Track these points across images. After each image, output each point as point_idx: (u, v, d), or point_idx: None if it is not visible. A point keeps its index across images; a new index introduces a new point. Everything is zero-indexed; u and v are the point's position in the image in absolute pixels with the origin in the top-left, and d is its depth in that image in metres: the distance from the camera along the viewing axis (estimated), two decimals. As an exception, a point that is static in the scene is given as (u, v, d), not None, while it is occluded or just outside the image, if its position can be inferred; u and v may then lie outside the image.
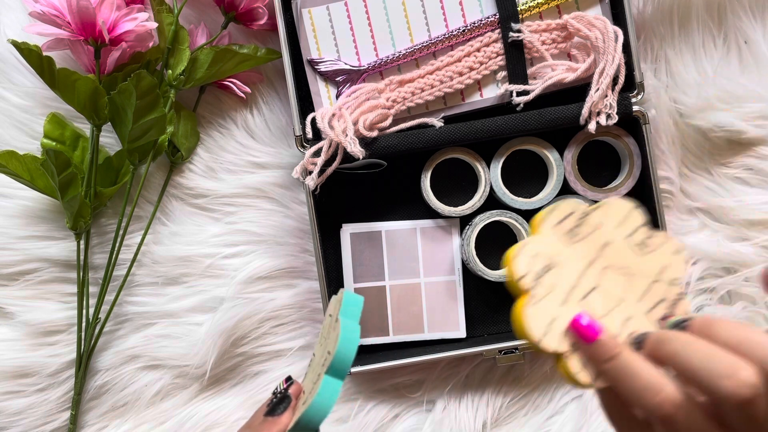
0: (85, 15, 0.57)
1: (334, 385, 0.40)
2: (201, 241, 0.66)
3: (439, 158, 0.62)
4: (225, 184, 0.66)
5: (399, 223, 0.64)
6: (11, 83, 0.65)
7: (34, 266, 0.65)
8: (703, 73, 0.65)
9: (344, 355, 0.40)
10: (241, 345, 0.66)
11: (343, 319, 0.42)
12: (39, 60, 0.58)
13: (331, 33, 0.60)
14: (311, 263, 0.66)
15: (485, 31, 0.60)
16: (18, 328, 0.65)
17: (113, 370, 0.66)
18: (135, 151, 0.61)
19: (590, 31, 0.58)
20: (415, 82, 0.60)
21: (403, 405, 0.67)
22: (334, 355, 0.40)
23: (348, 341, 0.41)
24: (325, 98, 0.61)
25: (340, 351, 0.40)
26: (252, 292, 0.65)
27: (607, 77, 0.58)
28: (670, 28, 0.65)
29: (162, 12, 0.61)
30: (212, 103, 0.66)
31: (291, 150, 0.66)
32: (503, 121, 0.61)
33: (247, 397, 0.66)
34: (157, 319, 0.66)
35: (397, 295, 0.64)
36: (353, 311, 0.43)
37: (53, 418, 0.65)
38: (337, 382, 0.40)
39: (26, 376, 0.65)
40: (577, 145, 0.63)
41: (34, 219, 0.65)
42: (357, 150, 0.58)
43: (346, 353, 0.40)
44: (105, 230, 0.66)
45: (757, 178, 0.66)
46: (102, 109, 0.60)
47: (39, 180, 0.61)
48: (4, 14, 0.65)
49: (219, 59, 0.62)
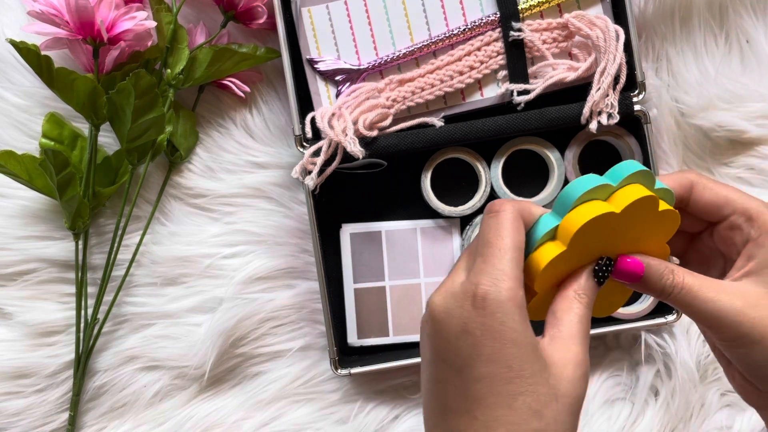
0: (83, 14, 0.56)
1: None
2: (200, 241, 0.66)
3: (439, 158, 0.62)
4: (224, 183, 0.66)
5: (399, 223, 0.64)
6: (10, 83, 0.65)
7: (32, 266, 0.65)
8: (704, 72, 0.65)
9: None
10: (240, 345, 0.66)
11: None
12: (37, 59, 0.57)
13: (331, 32, 0.60)
14: (311, 263, 0.66)
15: (486, 30, 0.60)
16: (16, 328, 0.65)
17: (112, 370, 0.65)
18: (134, 150, 0.61)
19: (591, 30, 0.58)
20: (415, 82, 0.60)
21: (404, 406, 0.66)
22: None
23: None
24: (324, 98, 0.61)
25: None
26: (251, 293, 0.65)
27: (608, 76, 0.58)
28: (672, 27, 0.65)
29: (161, 11, 0.61)
30: (211, 103, 0.66)
31: (290, 150, 0.66)
32: (504, 120, 0.60)
33: (247, 398, 0.66)
34: (156, 319, 0.66)
35: (397, 296, 0.64)
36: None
37: (52, 419, 0.65)
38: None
39: (25, 376, 0.65)
40: (578, 144, 0.62)
41: (33, 219, 0.65)
42: (357, 150, 0.57)
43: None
44: (104, 230, 0.66)
45: (759, 178, 0.66)
46: (101, 109, 0.60)
47: (37, 180, 0.60)
48: (2, 14, 0.65)
49: (218, 58, 0.61)
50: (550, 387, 0.34)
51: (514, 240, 0.36)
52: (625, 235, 0.38)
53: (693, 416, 0.65)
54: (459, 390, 0.35)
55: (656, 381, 0.66)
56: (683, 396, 0.64)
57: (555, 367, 0.35)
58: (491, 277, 0.35)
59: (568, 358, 0.35)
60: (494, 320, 0.34)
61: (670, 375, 0.65)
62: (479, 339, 0.34)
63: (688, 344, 0.65)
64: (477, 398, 0.34)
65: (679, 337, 0.65)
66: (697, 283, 0.37)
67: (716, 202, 0.39)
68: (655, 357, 0.65)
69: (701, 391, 0.65)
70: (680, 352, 0.64)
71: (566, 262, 0.37)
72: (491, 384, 0.34)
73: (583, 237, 0.36)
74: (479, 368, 0.34)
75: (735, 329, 0.36)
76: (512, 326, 0.34)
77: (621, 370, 0.66)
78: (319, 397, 0.66)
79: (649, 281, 0.38)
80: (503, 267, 0.35)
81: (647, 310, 0.63)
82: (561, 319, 0.36)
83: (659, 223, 0.38)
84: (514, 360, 0.34)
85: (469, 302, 0.35)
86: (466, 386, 0.35)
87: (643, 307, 0.63)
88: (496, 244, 0.36)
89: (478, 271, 0.35)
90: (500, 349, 0.34)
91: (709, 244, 0.41)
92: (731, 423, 0.65)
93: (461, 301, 0.35)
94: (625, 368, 0.66)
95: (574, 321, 0.36)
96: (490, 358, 0.34)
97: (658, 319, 0.62)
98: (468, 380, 0.35)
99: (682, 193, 0.40)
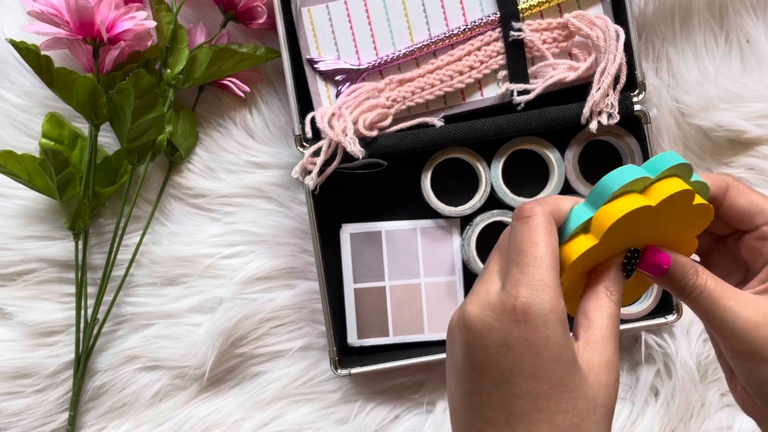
0: (83, 14, 0.56)
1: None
2: (200, 241, 0.66)
3: (439, 158, 0.62)
4: (224, 183, 0.66)
5: (399, 223, 0.64)
6: (10, 83, 0.65)
7: (32, 266, 0.65)
8: (704, 72, 0.65)
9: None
10: (240, 346, 0.66)
11: None
12: (37, 59, 0.57)
13: (331, 32, 0.60)
14: (311, 263, 0.66)
15: (486, 30, 0.60)
16: (16, 328, 0.65)
17: (112, 370, 0.65)
18: (134, 150, 0.61)
19: (591, 30, 0.58)
20: (415, 82, 0.60)
21: (404, 406, 0.66)
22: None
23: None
24: (324, 98, 0.61)
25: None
26: (251, 293, 0.65)
27: (608, 76, 0.58)
28: (672, 27, 0.65)
29: (161, 11, 0.61)
30: (211, 103, 0.66)
31: (290, 150, 0.66)
32: (504, 120, 0.60)
33: (247, 398, 0.66)
34: (156, 319, 0.66)
35: (397, 296, 0.64)
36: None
37: (52, 419, 0.65)
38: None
39: (25, 376, 0.65)
40: (579, 144, 0.62)
41: (33, 219, 0.65)
42: (357, 150, 0.57)
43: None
44: (103, 230, 0.66)
45: (759, 178, 0.65)
46: (100, 109, 0.60)
47: (37, 180, 0.60)
48: (2, 14, 0.65)
49: (218, 58, 0.61)
50: (589, 399, 0.33)
51: (549, 246, 0.35)
52: (656, 227, 0.37)
53: (693, 416, 0.65)
54: (499, 404, 0.34)
55: (656, 381, 0.65)
56: (683, 396, 0.64)
57: (592, 375, 0.34)
58: (531, 288, 0.33)
59: (602, 363, 0.34)
60: (537, 335, 0.33)
61: (670, 375, 0.65)
62: (520, 354, 0.33)
63: (688, 344, 0.65)
64: (518, 414, 0.33)
65: (679, 337, 0.65)
66: (719, 289, 0.36)
67: (750, 210, 0.38)
68: (655, 357, 0.65)
69: (701, 391, 0.65)
70: (680, 352, 0.64)
71: (596, 254, 0.36)
72: (533, 400, 0.33)
73: (617, 230, 0.35)
74: (521, 384, 0.33)
75: (748, 343, 0.35)
76: (555, 341, 0.33)
77: (621, 370, 0.66)
78: (319, 397, 0.66)
79: (673, 277, 0.37)
80: (542, 276, 0.34)
81: (647, 310, 0.63)
82: (593, 319, 0.35)
83: (692, 216, 0.37)
84: (555, 376, 0.33)
85: (509, 315, 0.33)
86: (505, 401, 0.34)
87: (643, 307, 0.63)
88: (532, 252, 0.34)
89: (515, 281, 0.34)
90: (542, 365, 0.33)
91: (734, 250, 0.40)
92: (731, 423, 0.65)
93: (500, 313, 0.34)
94: (625, 368, 0.66)
95: (606, 321, 0.35)
96: (531, 375, 0.33)
97: (659, 319, 0.62)
98: (508, 395, 0.34)
99: (717, 194, 0.39)
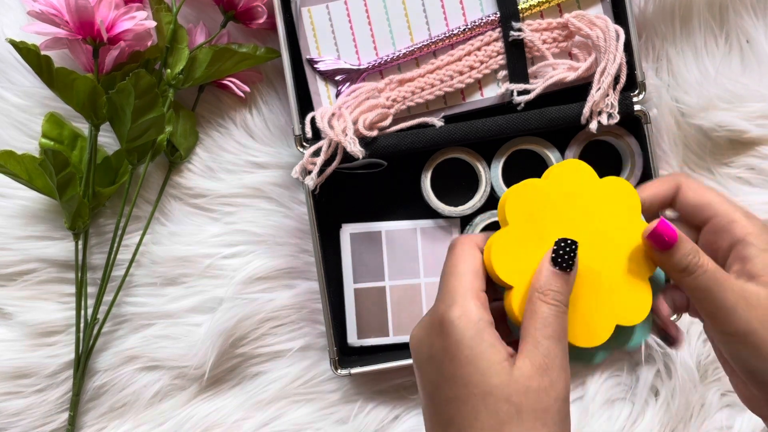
0: (83, 14, 0.56)
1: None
2: (200, 241, 0.66)
3: (439, 158, 0.62)
4: (224, 183, 0.66)
5: (399, 223, 0.64)
6: (10, 83, 0.64)
7: (32, 266, 0.65)
8: (704, 72, 0.65)
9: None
10: (240, 346, 0.66)
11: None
12: (37, 59, 0.57)
13: (331, 32, 0.60)
14: (311, 263, 0.66)
15: (486, 30, 0.60)
16: (16, 328, 0.65)
17: (112, 370, 0.65)
18: (134, 150, 0.61)
19: (591, 30, 0.58)
20: (415, 82, 0.60)
21: (404, 406, 0.66)
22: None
23: None
24: (324, 98, 0.61)
25: None
26: (251, 293, 0.65)
27: (608, 76, 0.58)
28: (672, 27, 0.65)
29: (161, 11, 0.61)
30: (211, 103, 0.66)
31: (290, 150, 0.66)
32: (504, 120, 0.60)
33: (247, 398, 0.66)
34: (156, 319, 0.66)
35: (397, 296, 0.64)
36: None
37: (52, 419, 0.65)
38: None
39: (24, 376, 0.65)
40: (578, 144, 0.62)
41: (33, 219, 0.65)
42: (357, 150, 0.57)
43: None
44: (103, 230, 0.66)
45: (759, 178, 0.66)
46: (100, 109, 0.60)
47: (37, 180, 0.60)
48: (2, 14, 0.65)
49: (218, 58, 0.61)
50: (512, 404, 0.34)
51: (468, 264, 0.37)
52: (582, 216, 0.38)
53: (693, 416, 0.65)
54: (435, 414, 0.36)
55: (656, 381, 0.66)
56: (683, 396, 0.64)
57: (521, 380, 0.34)
58: (445, 302, 0.36)
59: (534, 369, 0.34)
60: (450, 342, 0.35)
61: (671, 375, 0.65)
62: (442, 362, 0.35)
63: (688, 344, 0.65)
64: (447, 421, 0.35)
65: (679, 337, 0.65)
66: (719, 271, 0.37)
67: (698, 204, 0.39)
68: (655, 357, 0.65)
69: (701, 391, 0.65)
70: (680, 352, 0.64)
71: (522, 246, 0.38)
72: (457, 407, 0.35)
73: (521, 214, 0.37)
74: (445, 391, 0.35)
75: (743, 324, 0.36)
76: (467, 344, 0.35)
77: (621, 370, 0.66)
78: (319, 397, 0.66)
79: (678, 253, 0.37)
80: (454, 288, 0.36)
81: (647, 310, 0.63)
82: (525, 327, 0.36)
83: (612, 198, 0.39)
84: (470, 378, 0.34)
85: (434, 329, 0.36)
86: (438, 410, 0.36)
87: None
88: (451, 272, 0.37)
89: (439, 299, 0.37)
90: (458, 370, 0.35)
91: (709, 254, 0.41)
92: (731, 423, 0.65)
93: (428, 329, 0.37)
94: (625, 368, 0.66)
95: (537, 326, 0.35)
96: (451, 380, 0.35)
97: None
98: (438, 404, 0.36)
99: (670, 193, 0.40)
